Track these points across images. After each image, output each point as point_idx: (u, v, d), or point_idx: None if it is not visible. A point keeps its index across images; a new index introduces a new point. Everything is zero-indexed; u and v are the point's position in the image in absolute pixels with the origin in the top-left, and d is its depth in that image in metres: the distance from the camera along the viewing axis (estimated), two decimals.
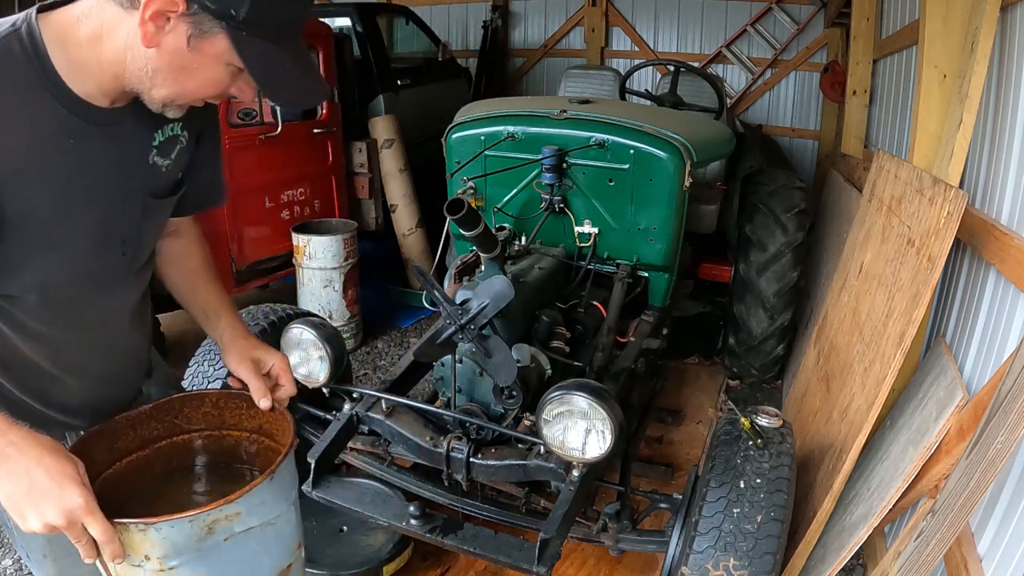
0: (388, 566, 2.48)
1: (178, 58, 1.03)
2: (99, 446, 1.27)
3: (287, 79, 1.08)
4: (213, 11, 0.98)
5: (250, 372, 1.42)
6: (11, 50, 0.98)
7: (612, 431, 1.81)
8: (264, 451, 1.45)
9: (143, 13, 0.96)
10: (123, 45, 1.02)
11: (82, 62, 1.03)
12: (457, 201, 2.10)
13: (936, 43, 2.46)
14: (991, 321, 2.05)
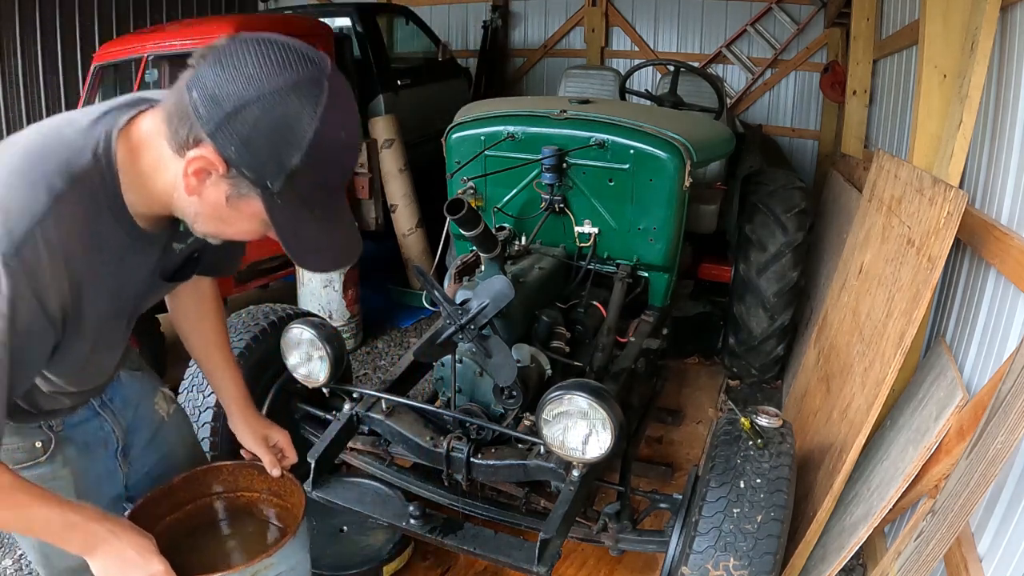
0: (388, 566, 2.48)
1: (217, 209, 1.12)
2: (146, 513, 1.56)
3: (315, 246, 1.17)
4: (250, 179, 1.05)
5: (263, 448, 1.72)
6: (92, 182, 1.09)
7: (612, 431, 1.81)
8: (276, 508, 1.79)
9: (186, 167, 1.06)
10: (172, 182, 1.11)
11: (141, 188, 1.14)
12: (457, 201, 2.10)
13: (936, 43, 2.46)
14: (991, 321, 2.05)
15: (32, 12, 5.73)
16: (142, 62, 4.36)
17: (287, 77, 1.01)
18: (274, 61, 1.01)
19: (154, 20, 6.69)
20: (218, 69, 1.01)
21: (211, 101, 1.01)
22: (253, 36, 1.04)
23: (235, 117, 1.00)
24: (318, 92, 1.03)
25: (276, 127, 1.01)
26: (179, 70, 1.07)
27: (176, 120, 1.04)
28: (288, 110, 1.01)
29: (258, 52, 1.02)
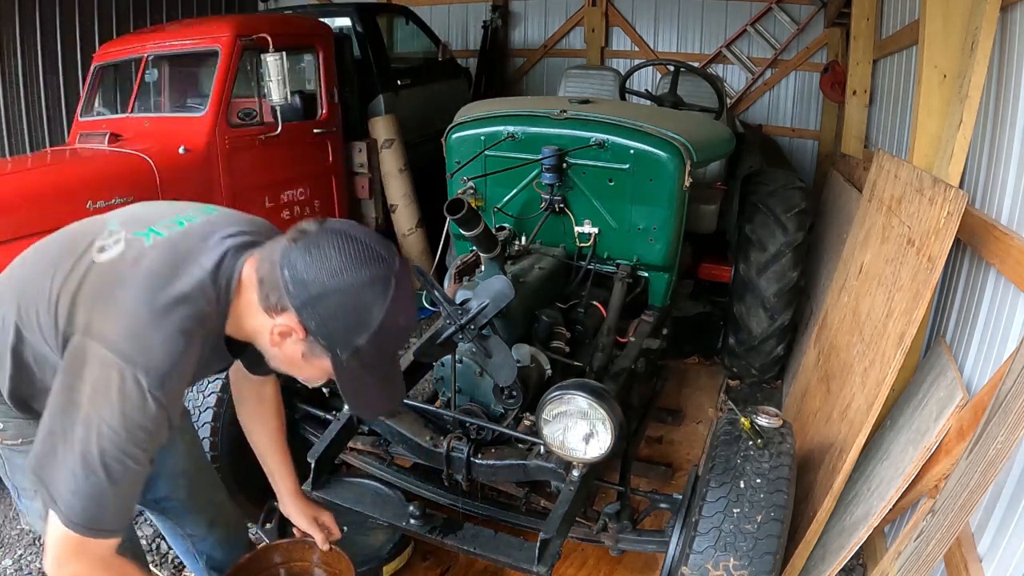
0: (388, 566, 2.48)
1: (293, 360, 1.35)
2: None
3: (369, 397, 1.41)
4: (323, 346, 1.28)
5: (314, 528, 1.96)
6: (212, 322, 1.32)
7: (612, 431, 1.81)
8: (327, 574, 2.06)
9: (273, 327, 1.29)
10: (257, 327, 1.35)
11: (235, 322, 1.37)
12: (457, 201, 2.10)
13: (936, 43, 2.46)
14: (991, 321, 2.05)
15: (32, 12, 5.73)
16: (142, 62, 4.37)
17: (364, 274, 1.24)
18: (354, 258, 1.24)
19: (154, 20, 6.69)
20: (307, 257, 1.24)
21: (299, 283, 1.24)
22: (338, 229, 1.27)
23: (318, 300, 1.23)
24: (388, 288, 1.26)
25: (351, 314, 1.25)
26: (179, 70, 1.13)
27: (268, 287, 1.27)
28: (362, 302, 1.24)
29: (341, 247, 1.24)
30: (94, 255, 1.34)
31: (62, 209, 3.33)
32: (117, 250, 1.34)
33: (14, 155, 5.62)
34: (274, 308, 1.28)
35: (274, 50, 4.07)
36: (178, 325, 1.26)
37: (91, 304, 1.28)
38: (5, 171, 3.50)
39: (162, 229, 1.37)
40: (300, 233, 1.27)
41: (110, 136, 4.01)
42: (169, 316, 1.25)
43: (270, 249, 1.30)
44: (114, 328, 1.24)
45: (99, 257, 1.33)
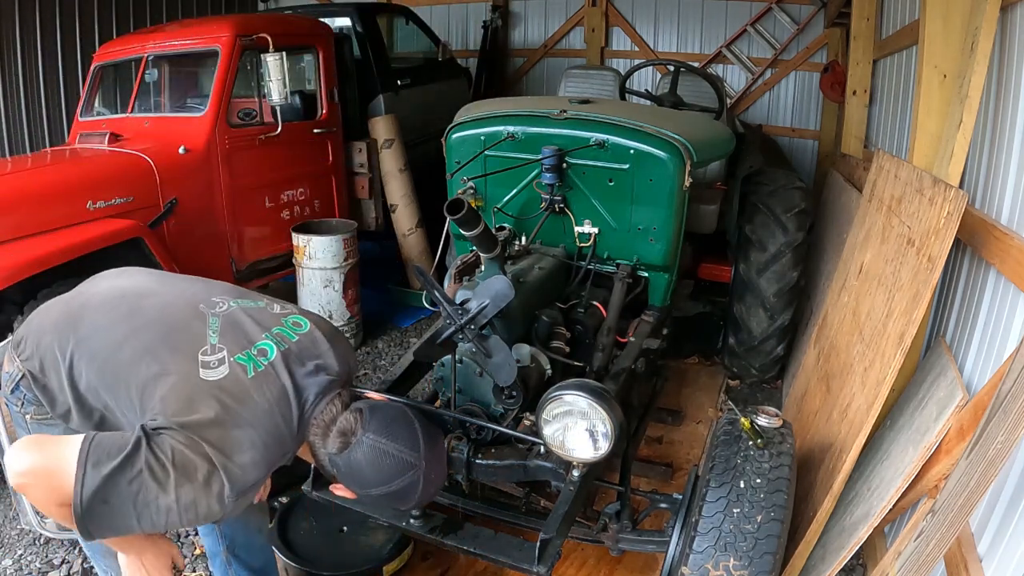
0: (388, 566, 2.48)
1: None
2: None
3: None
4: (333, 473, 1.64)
5: None
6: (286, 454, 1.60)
7: (612, 431, 1.81)
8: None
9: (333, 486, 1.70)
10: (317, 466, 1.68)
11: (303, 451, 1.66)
12: (457, 201, 2.10)
13: (936, 43, 2.46)
14: (991, 321, 2.05)
15: (32, 12, 5.73)
16: (142, 62, 4.37)
17: (395, 483, 1.58)
18: (387, 471, 1.57)
19: (154, 20, 6.69)
20: (349, 466, 1.57)
21: (349, 479, 1.60)
22: (373, 441, 1.57)
23: (365, 494, 1.62)
24: (416, 488, 1.59)
25: (392, 500, 1.62)
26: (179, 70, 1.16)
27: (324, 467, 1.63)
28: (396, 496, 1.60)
29: (374, 466, 1.57)
30: (199, 368, 1.49)
31: (62, 209, 3.33)
32: (222, 372, 1.50)
33: (14, 155, 5.62)
34: (331, 478, 1.65)
35: (274, 50, 4.07)
36: (268, 460, 1.51)
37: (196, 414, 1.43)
38: (5, 171, 3.50)
39: (259, 357, 1.56)
40: (343, 439, 1.57)
41: (110, 136, 4.01)
42: (265, 451, 1.49)
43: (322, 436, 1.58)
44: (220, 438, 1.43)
45: (204, 373, 1.49)
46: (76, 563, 2.73)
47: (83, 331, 1.58)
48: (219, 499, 1.42)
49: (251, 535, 2.09)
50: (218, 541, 2.05)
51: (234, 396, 1.48)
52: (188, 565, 2.69)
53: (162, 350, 1.52)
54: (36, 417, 1.65)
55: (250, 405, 1.49)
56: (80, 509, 1.35)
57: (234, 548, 2.07)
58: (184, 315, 1.60)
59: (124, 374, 1.50)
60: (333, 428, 1.57)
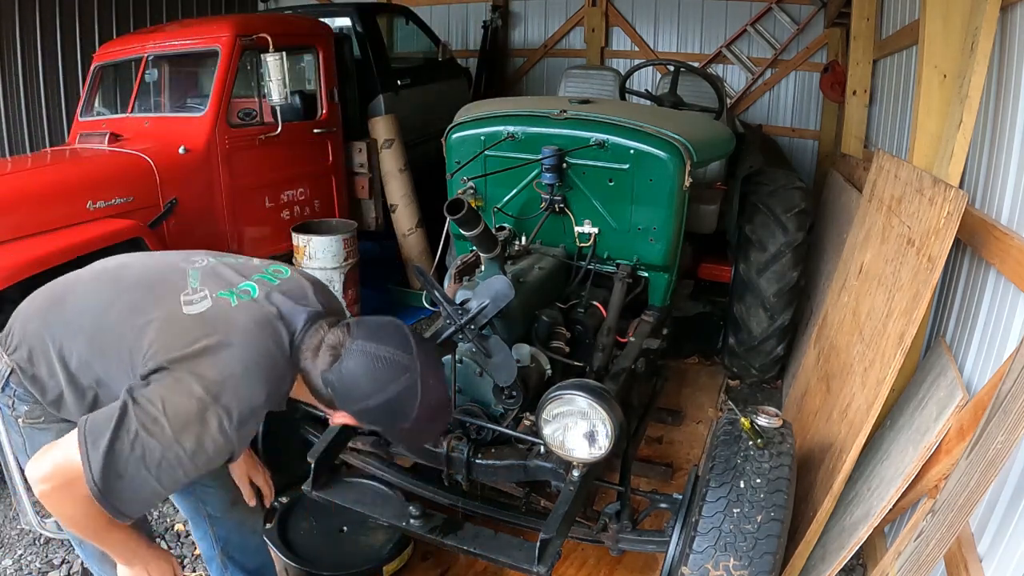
0: (388, 566, 2.48)
1: (350, 422, 1.59)
2: None
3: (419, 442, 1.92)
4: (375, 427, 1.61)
5: (244, 482, 2.07)
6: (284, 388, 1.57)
7: (612, 431, 1.81)
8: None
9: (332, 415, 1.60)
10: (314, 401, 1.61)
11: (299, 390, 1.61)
12: (457, 201, 2.10)
13: (936, 43, 2.46)
14: (991, 321, 2.05)
15: (32, 12, 5.73)
16: (142, 62, 4.37)
17: (393, 388, 1.46)
18: (382, 378, 1.47)
19: (154, 20, 6.69)
20: (344, 379, 1.48)
21: (344, 397, 1.50)
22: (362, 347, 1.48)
23: (363, 411, 1.50)
24: (414, 392, 1.47)
25: (392, 414, 1.49)
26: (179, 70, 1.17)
27: (319, 394, 1.54)
28: (396, 407, 1.48)
29: (368, 371, 1.47)
30: (182, 306, 1.50)
31: (62, 209, 3.33)
32: (205, 305, 1.51)
33: (14, 155, 5.62)
34: (330, 404, 1.56)
35: (274, 50, 4.07)
36: (263, 383, 1.48)
37: (185, 348, 1.43)
38: (5, 171, 3.50)
39: (242, 294, 1.56)
40: (333, 352, 1.50)
41: (110, 136, 4.00)
42: (258, 373, 1.47)
43: (312, 357, 1.52)
44: (208, 372, 1.42)
45: (187, 309, 1.50)
46: (76, 563, 2.73)
47: (69, 310, 1.58)
48: (222, 432, 1.40)
49: (245, 536, 2.09)
50: (213, 544, 2.05)
51: (219, 321, 1.48)
52: (188, 565, 2.69)
53: (146, 303, 1.52)
54: (28, 421, 1.63)
55: (236, 326, 1.48)
56: (98, 492, 1.34)
57: (229, 550, 2.06)
58: (165, 272, 1.61)
59: (113, 337, 1.50)
60: (323, 346, 1.51)
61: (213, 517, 2.01)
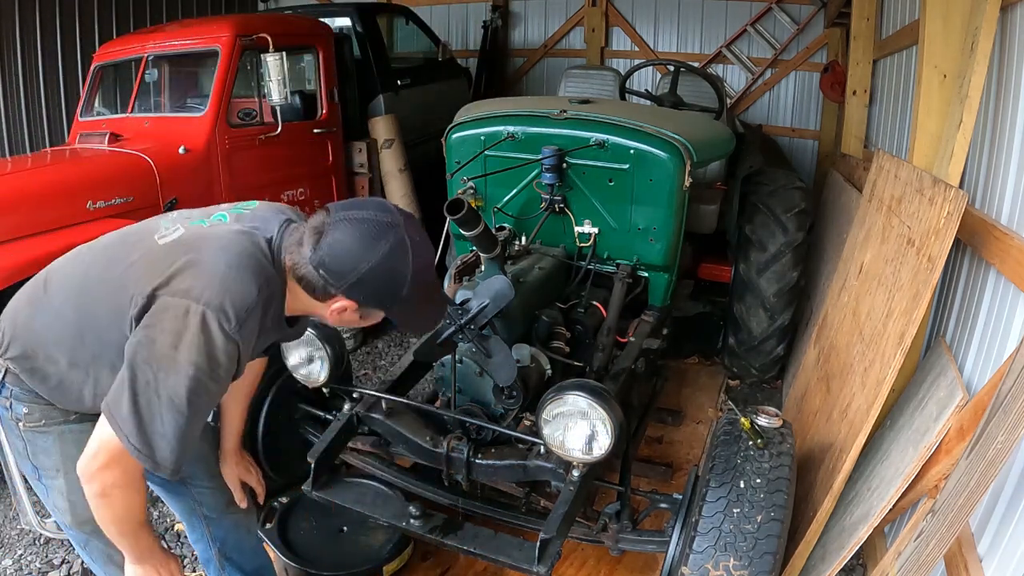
0: (388, 566, 2.48)
1: (353, 322, 1.58)
2: None
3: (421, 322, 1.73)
4: (374, 307, 1.53)
5: (235, 483, 2.06)
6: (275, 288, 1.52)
7: (612, 431, 1.81)
8: None
9: (330, 312, 1.52)
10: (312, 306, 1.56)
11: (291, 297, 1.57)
12: (457, 201, 2.10)
13: (936, 43, 2.46)
14: (991, 321, 2.05)
15: (32, 12, 5.73)
16: (142, 62, 4.36)
17: (383, 247, 1.44)
18: (368, 238, 1.44)
19: (154, 20, 6.69)
20: (332, 252, 1.44)
21: (336, 275, 1.45)
22: (344, 215, 1.46)
23: (357, 283, 1.45)
24: (405, 247, 1.46)
25: (387, 279, 1.46)
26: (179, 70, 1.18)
27: (310, 285, 1.48)
28: (391, 266, 1.45)
29: (354, 233, 1.44)
30: (157, 241, 1.53)
31: (62, 209, 3.33)
32: (178, 233, 1.54)
33: (14, 155, 5.62)
34: (323, 297, 1.50)
35: (274, 50, 4.07)
36: (251, 276, 1.47)
37: (166, 271, 1.44)
38: (5, 171, 3.50)
39: (216, 219, 1.58)
40: (316, 232, 1.46)
41: (110, 136, 4.00)
42: (242, 270, 1.46)
43: (297, 250, 1.49)
44: (194, 282, 1.42)
45: (162, 240, 1.52)
46: (76, 563, 2.73)
47: (52, 288, 1.59)
48: (224, 335, 1.40)
49: (242, 536, 2.09)
50: (209, 545, 2.04)
51: (193, 240, 1.51)
52: (188, 566, 2.69)
53: (122, 253, 1.55)
54: (29, 424, 1.63)
55: (211, 239, 1.51)
56: (140, 452, 1.37)
57: (226, 551, 2.06)
58: (137, 227, 1.64)
59: (99, 294, 1.51)
60: (305, 234, 1.49)
61: (209, 518, 2.01)
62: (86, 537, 1.74)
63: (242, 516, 2.08)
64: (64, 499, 1.70)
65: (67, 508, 1.71)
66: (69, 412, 1.65)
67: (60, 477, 1.67)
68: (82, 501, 1.63)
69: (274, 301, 1.53)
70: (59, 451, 1.65)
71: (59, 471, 1.67)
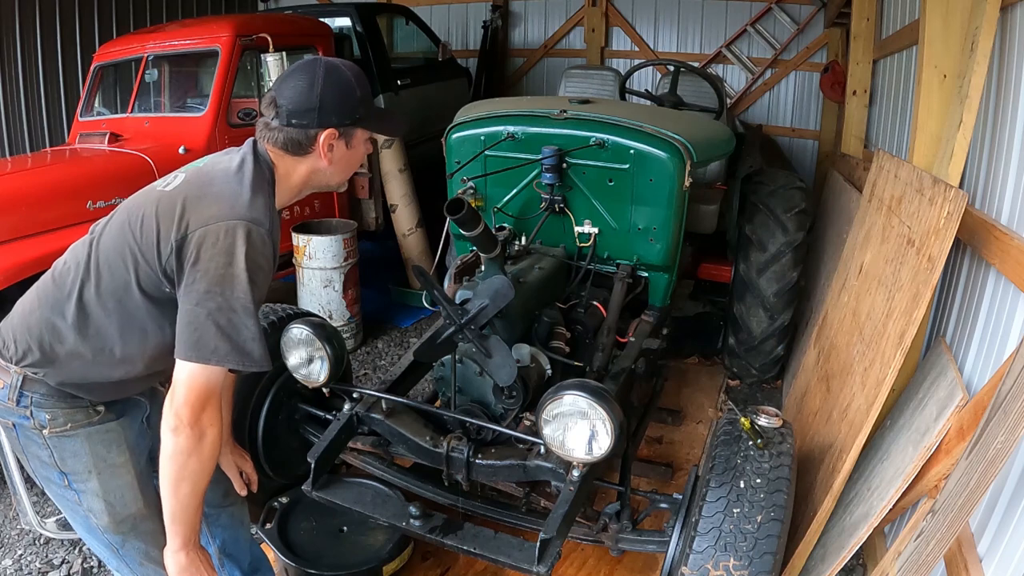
0: (388, 566, 2.48)
1: (344, 158, 1.74)
2: None
3: (390, 122, 1.93)
4: (349, 123, 1.69)
5: (233, 472, 2.07)
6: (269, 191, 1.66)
7: (612, 431, 1.81)
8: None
9: (320, 149, 1.67)
10: (303, 176, 1.72)
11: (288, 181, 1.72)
12: (457, 201, 2.10)
13: (936, 43, 2.46)
14: (991, 321, 2.05)
15: (32, 12, 5.73)
16: (142, 62, 4.37)
17: (319, 73, 1.64)
18: (305, 73, 1.64)
19: (154, 20, 6.69)
20: (288, 100, 1.63)
21: (305, 113, 1.63)
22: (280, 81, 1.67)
23: (321, 107, 1.63)
24: (334, 64, 1.69)
25: (340, 92, 1.66)
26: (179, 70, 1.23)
27: (295, 140, 1.65)
28: (335, 79, 1.66)
29: (292, 77, 1.65)
30: (165, 190, 1.62)
31: (62, 209, 3.33)
32: (180, 178, 1.65)
33: (14, 155, 5.62)
34: (308, 145, 1.66)
35: (274, 50, 4.07)
36: (259, 186, 1.61)
37: (187, 209, 1.53)
38: (5, 171, 3.51)
39: (207, 160, 1.71)
40: (268, 102, 1.66)
41: (110, 136, 4.01)
42: (254, 188, 1.59)
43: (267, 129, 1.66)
44: (220, 206, 1.53)
45: (168, 188, 1.62)
46: (76, 563, 2.73)
47: (58, 276, 1.63)
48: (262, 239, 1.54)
49: (238, 531, 2.09)
50: (209, 542, 2.04)
51: (197, 175, 1.64)
52: None
53: (130, 214, 1.61)
54: (54, 430, 1.62)
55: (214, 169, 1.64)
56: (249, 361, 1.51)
57: (225, 548, 2.06)
58: (137, 196, 1.71)
59: (118, 258, 1.57)
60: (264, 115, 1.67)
61: (208, 514, 2.00)
62: (122, 538, 1.72)
63: (237, 508, 2.08)
64: (100, 500, 1.68)
65: (104, 509, 1.69)
66: (92, 413, 1.65)
67: (93, 479, 1.67)
68: (118, 499, 1.69)
69: (273, 195, 1.67)
70: (89, 452, 1.65)
71: (91, 472, 1.67)
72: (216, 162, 1.67)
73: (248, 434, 2.43)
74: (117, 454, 1.68)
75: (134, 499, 1.70)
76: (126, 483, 1.70)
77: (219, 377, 1.52)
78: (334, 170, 1.73)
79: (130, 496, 1.70)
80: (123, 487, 1.70)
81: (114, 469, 1.68)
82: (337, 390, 2.35)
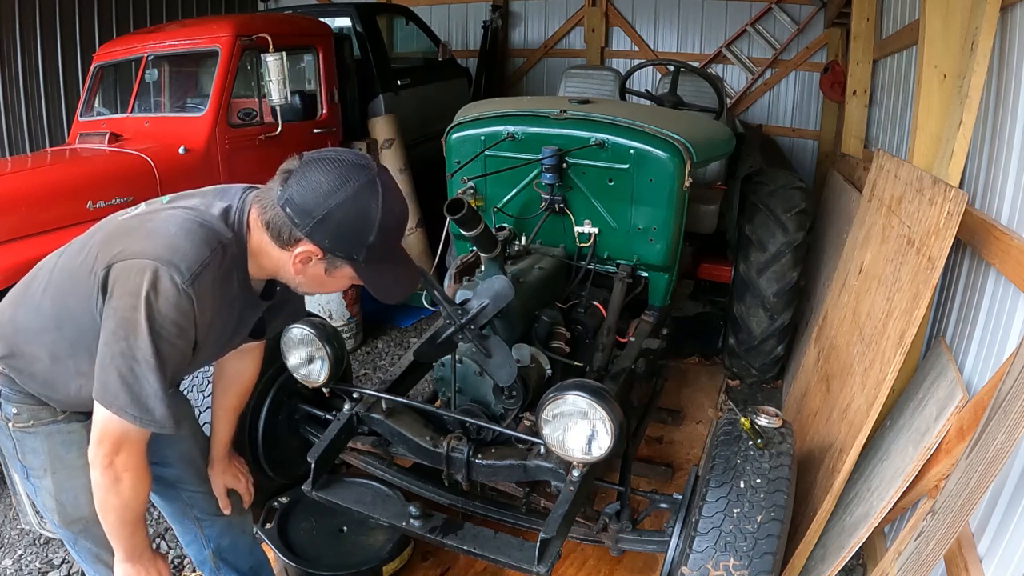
0: (388, 566, 2.48)
1: (318, 279, 1.54)
2: None
3: (391, 285, 1.60)
4: (341, 257, 1.47)
5: (221, 492, 2.00)
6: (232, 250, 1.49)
7: (612, 431, 1.81)
8: None
9: (294, 258, 1.47)
10: (278, 260, 1.51)
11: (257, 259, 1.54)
12: (457, 201, 2.10)
13: (936, 43, 2.46)
14: (991, 321, 2.05)
15: (32, 12, 5.73)
16: (142, 62, 4.37)
17: (352, 185, 1.40)
18: (339, 175, 1.41)
19: (154, 20, 6.69)
20: (301, 190, 1.42)
21: (302, 214, 1.41)
22: (316, 157, 1.45)
23: (324, 222, 1.41)
24: (376, 188, 1.42)
25: (355, 221, 1.42)
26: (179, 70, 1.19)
27: (276, 227, 1.45)
28: (360, 207, 1.41)
29: (325, 170, 1.42)
30: (119, 218, 1.55)
31: (62, 209, 3.33)
32: (139, 209, 1.55)
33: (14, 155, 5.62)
34: (288, 242, 1.46)
35: (274, 50, 4.07)
36: (203, 237, 1.44)
37: (122, 242, 1.44)
38: (5, 171, 3.50)
39: (170, 199, 1.59)
40: (285, 173, 1.46)
41: (110, 136, 4.01)
42: (192, 232, 1.44)
43: (265, 194, 1.48)
44: (146, 244, 1.42)
45: (122, 217, 1.54)
46: (76, 563, 2.73)
47: (35, 284, 1.59)
48: (176, 288, 1.38)
49: (236, 536, 2.07)
50: (203, 546, 2.03)
51: (151, 211, 1.53)
52: (187, 566, 2.69)
53: (88, 237, 1.56)
54: (18, 425, 1.63)
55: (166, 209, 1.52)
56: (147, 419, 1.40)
57: (220, 551, 2.05)
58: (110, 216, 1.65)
59: (70, 279, 1.52)
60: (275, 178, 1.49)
61: (201, 520, 2.00)
62: (74, 536, 1.74)
63: (235, 517, 2.06)
64: (52, 498, 1.69)
65: (55, 507, 1.70)
66: (57, 412, 1.64)
67: (48, 477, 1.67)
68: (70, 500, 1.67)
69: (235, 266, 1.51)
70: (47, 451, 1.65)
71: (47, 471, 1.66)
72: (175, 205, 1.55)
73: (248, 434, 2.43)
74: (76, 456, 1.63)
75: (87, 502, 1.60)
76: (81, 485, 1.63)
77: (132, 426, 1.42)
78: (301, 280, 1.54)
79: (84, 499, 1.64)
80: (77, 489, 1.66)
81: (70, 470, 1.66)
82: (337, 390, 2.35)
